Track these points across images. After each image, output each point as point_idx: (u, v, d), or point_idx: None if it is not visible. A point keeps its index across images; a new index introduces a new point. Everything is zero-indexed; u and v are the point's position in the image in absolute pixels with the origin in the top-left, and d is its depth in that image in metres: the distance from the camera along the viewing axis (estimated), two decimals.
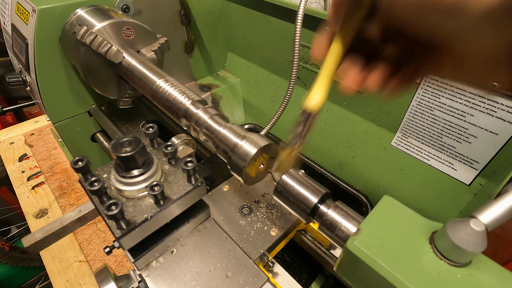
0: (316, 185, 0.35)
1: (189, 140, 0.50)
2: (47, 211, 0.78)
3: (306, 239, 0.52)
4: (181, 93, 0.45)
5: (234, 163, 0.37)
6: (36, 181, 0.86)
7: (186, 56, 0.88)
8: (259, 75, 0.89)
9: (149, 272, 0.38)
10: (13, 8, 0.64)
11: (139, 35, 0.58)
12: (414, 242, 0.27)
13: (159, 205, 0.34)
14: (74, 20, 0.56)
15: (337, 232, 0.32)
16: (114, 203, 0.31)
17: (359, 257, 0.27)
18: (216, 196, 0.53)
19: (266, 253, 0.46)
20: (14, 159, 0.94)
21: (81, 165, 0.32)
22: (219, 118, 0.42)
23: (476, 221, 0.23)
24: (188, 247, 0.40)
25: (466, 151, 0.53)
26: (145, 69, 0.51)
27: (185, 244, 0.41)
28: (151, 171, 0.35)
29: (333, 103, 0.71)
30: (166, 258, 0.39)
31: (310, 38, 0.67)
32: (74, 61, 0.58)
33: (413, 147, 0.60)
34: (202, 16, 0.84)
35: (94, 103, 0.72)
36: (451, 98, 0.51)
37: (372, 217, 0.29)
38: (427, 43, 0.26)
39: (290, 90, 0.57)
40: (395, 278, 0.25)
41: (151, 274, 0.38)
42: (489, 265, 0.25)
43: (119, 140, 0.34)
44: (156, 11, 0.73)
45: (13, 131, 1.05)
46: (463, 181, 0.55)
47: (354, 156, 0.71)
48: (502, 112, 0.46)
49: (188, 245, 0.41)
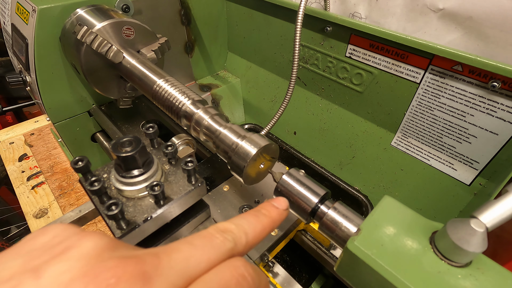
0: (316, 185, 0.35)
1: (189, 140, 0.50)
2: (47, 211, 0.78)
3: (306, 239, 0.52)
4: (181, 93, 0.45)
5: (234, 163, 0.37)
6: (36, 181, 0.86)
7: (186, 56, 0.88)
8: (259, 75, 0.89)
9: None
10: (13, 8, 0.64)
11: (139, 35, 0.58)
12: (414, 242, 0.27)
13: (159, 205, 0.34)
14: (74, 20, 0.56)
15: (337, 232, 0.32)
16: (114, 203, 0.31)
17: (359, 257, 0.27)
18: (216, 196, 0.53)
19: (266, 253, 0.46)
20: (14, 159, 0.94)
21: (81, 165, 0.32)
22: (219, 118, 0.42)
23: (476, 221, 0.23)
24: None
25: (466, 151, 0.53)
26: (145, 69, 0.51)
27: None
28: (151, 171, 0.35)
29: (333, 103, 0.71)
30: None
31: (310, 38, 0.68)
32: (74, 61, 0.58)
33: (413, 147, 0.60)
34: (202, 16, 0.84)
35: (94, 103, 0.72)
36: (451, 98, 0.51)
37: (372, 217, 0.29)
38: None
39: (290, 90, 0.57)
40: (395, 278, 0.25)
41: None
42: (489, 265, 0.25)
43: (119, 140, 0.34)
44: (156, 11, 0.73)
45: (13, 131, 1.05)
46: (463, 181, 0.55)
47: (354, 156, 0.71)
48: (502, 112, 0.46)
49: None
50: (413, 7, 0.56)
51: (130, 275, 0.16)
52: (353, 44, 0.60)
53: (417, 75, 0.53)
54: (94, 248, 0.18)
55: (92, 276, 0.16)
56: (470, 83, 0.48)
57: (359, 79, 0.63)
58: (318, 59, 0.69)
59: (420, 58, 0.52)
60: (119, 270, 0.16)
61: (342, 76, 0.66)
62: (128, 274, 0.16)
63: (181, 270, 0.18)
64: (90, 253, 0.17)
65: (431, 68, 0.51)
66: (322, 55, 0.67)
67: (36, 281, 0.16)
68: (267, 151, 0.38)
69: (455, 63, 0.48)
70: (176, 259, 0.19)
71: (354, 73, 0.63)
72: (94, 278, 0.16)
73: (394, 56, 0.55)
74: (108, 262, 0.17)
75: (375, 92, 0.61)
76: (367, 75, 0.61)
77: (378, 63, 0.58)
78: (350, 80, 0.64)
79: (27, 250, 0.18)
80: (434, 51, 0.49)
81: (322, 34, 0.65)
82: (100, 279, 0.16)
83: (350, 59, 0.62)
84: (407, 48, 0.52)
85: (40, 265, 0.16)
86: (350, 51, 0.61)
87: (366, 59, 0.59)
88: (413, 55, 0.52)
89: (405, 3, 0.57)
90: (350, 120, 0.69)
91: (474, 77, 0.47)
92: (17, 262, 0.17)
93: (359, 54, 0.60)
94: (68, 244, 0.18)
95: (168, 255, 0.19)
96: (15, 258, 0.17)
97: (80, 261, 0.17)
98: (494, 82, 0.45)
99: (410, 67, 0.54)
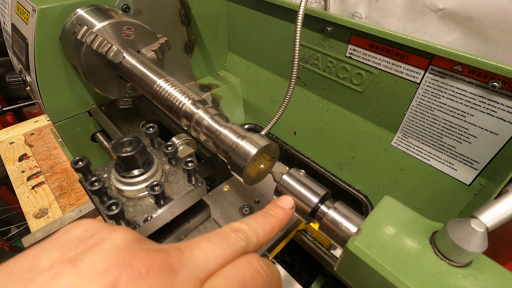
0: (317, 185, 0.35)
1: (189, 140, 0.50)
2: (47, 211, 0.78)
3: (306, 239, 0.52)
4: (181, 93, 0.45)
5: (235, 163, 0.37)
6: (36, 181, 0.86)
7: (186, 56, 0.88)
8: (259, 75, 0.89)
9: None
10: (13, 7, 0.64)
11: (139, 35, 0.58)
12: (414, 242, 0.27)
13: (160, 205, 0.34)
14: (74, 20, 0.56)
15: (338, 232, 0.32)
16: (115, 203, 0.31)
17: (359, 257, 0.27)
18: (216, 196, 0.53)
19: (266, 253, 0.46)
20: (14, 159, 0.94)
21: (81, 165, 0.32)
22: (219, 118, 0.42)
23: (477, 221, 0.23)
24: None
25: (466, 151, 0.53)
26: (145, 69, 0.51)
27: None
28: (151, 171, 0.35)
29: (333, 103, 0.71)
30: None
31: (310, 38, 0.68)
32: (74, 61, 0.58)
33: (413, 147, 0.60)
34: (202, 16, 0.84)
35: (94, 103, 0.72)
36: (451, 98, 0.51)
37: (372, 217, 0.29)
38: None
39: (290, 90, 0.57)
40: (395, 278, 0.25)
41: None
42: (489, 265, 0.25)
43: (119, 140, 0.34)
44: (156, 11, 0.73)
45: (13, 131, 1.05)
46: (463, 181, 0.55)
47: (354, 156, 0.71)
48: (502, 112, 0.46)
49: None
50: (413, 7, 0.56)
51: (158, 265, 0.18)
52: (353, 44, 0.60)
53: (417, 75, 0.53)
54: (124, 241, 0.19)
55: (125, 265, 0.17)
56: (470, 83, 0.48)
57: (359, 79, 0.63)
58: (318, 59, 0.69)
59: (420, 58, 0.52)
60: (149, 261, 0.18)
61: (342, 76, 0.66)
62: (157, 264, 0.18)
63: (202, 263, 0.20)
64: (120, 245, 0.19)
65: (431, 68, 0.51)
66: (322, 55, 0.67)
67: (75, 269, 0.17)
68: (267, 151, 0.38)
69: (455, 63, 0.48)
70: (197, 253, 0.21)
71: (354, 73, 0.63)
72: (127, 267, 0.17)
73: (394, 56, 0.55)
74: (139, 253, 0.18)
75: (375, 92, 0.61)
76: (367, 75, 0.61)
77: (378, 63, 0.58)
78: (350, 80, 0.64)
79: (63, 242, 0.19)
80: (434, 51, 0.49)
81: (322, 34, 0.65)
82: (133, 268, 0.17)
83: (350, 59, 0.62)
84: (407, 48, 0.52)
85: (77, 255, 0.18)
86: (350, 51, 0.61)
87: (366, 59, 0.59)
88: (413, 55, 0.52)
89: (405, 3, 0.57)
90: (350, 120, 0.69)
91: (474, 77, 0.47)
92: (55, 253, 0.18)
93: (359, 54, 0.60)
94: (100, 237, 0.19)
95: (190, 250, 0.21)
96: (52, 249, 0.18)
97: (112, 252, 0.18)
98: (494, 82, 0.45)
99: (410, 67, 0.54)
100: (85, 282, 0.16)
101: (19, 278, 0.16)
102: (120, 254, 0.18)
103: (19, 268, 0.17)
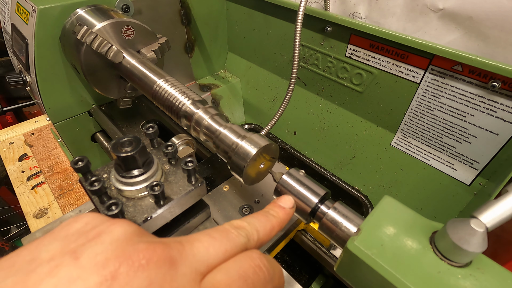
0: (316, 185, 0.35)
1: (189, 140, 0.50)
2: (47, 211, 0.78)
3: (306, 239, 0.52)
4: (181, 93, 0.45)
5: (235, 163, 0.37)
6: (36, 181, 0.86)
7: (186, 56, 0.88)
8: (259, 75, 0.89)
9: None
10: (13, 8, 0.64)
11: (139, 35, 0.58)
12: (414, 242, 0.27)
13: (160, 205, 0.34)
14: (74, 20, 0.56)
15: (337, 232, 0.32)
16: (114, 203, 0.31)
17: (359, 257, 0.27)
18: (216, 196, 0.53)
19: (266, 253, 0.46)
20: (14, 159, 0.94)
21: (81, 165, 0.32)
22: (219, 118, 0.42)
23: (476, 221, 0.23)
24: None
25: (466, 151, 0.53)
26: (145, 69, 0.51)
27: None
28: (151, 171, 0.35)
29: (333, 103, 0.71)
30: None
31: (310, 38, 0.68)
32: (74, 61, 0.58)
33: (413, 147, 0.60)
34: (202, 16, 0.84)
35: (94, 103, 0.72)
36: (451, 98, 0.51)
37: (372, 217, 0.29)
38: None
39: (290, 90, 0.57)
40: (395, 278, 0.25)
41: None
42: (489, 265, 0.25)
43: (119, 140, 0.34)
44: (156, 11, 0.73)
45: (13, 131, 1.05)
46: (463, 181, 0.55)
47: (354, 156, 0.71)
48: (502, 112, 0.46)
49: None
50: (413, 7, 0.56)
51: (158, 257, 0.18)
52: (353, 44, 0.60)
53: (417, 75, 0.53)
54: (124, 233, 0.19)
55: (125, 257, 0.18)
56: (470, 83, 0.48)
57: (359, 79, 0.63)
58: (318, 59, 0.69)
59: (420, 58, 0.52)
60: (149, 253, 0.18)
61: (342, 76, 0.66)
62: (157, 256, 0.18)
63: (202, 257, 0.20)
64: (120, 238, 0.19)
65: (431, 68, 0.51)
66: (322, 55, 0.67)
67: (75, 261, 0.17)
68: (267, 151, 0.38)
69: (455, 63, 0.48)
70: (198, 247, 0.21)
71: (354, 73, 0.63)
72: (127, 258, 0.18)
73: (394, 56, 0.55)
74: (139, 245, 0.19)
75: (375, 92, 0.61)
76: (367, 75, 0.61)
77: (378, 63, 0.58)
78: (350, 80, 0.64)
79: (64, 235, 0.19)
80: (434, 51, 0.49)
81: (322, 34, 0.65)
82: (133, 260, 0.18)
83: (350, 59, 0.62)
84: (407, 48, 0.52)
85: (77, 247, 0.18)
86: (350, 51, 0.61)
87: (366, 59, 0.59)
88: (413, 55, 0.52)
89: (405, 3, 0.57)
90: (350, 120, 0.69)
91: (474, 77, 0.47)
92: (56, 245, 0.18)
93: (359, 54, 0.60)
94: (100, 229, 0.19)
95: (191, 244, 0.21)
96: (53, 242, 0.19)
97: (112, 244, 0.18)
98: (494, 82, 0.45)
99: (410, 67, 0.54)
100: (85, 273, 0.17)
101: (21, 270, 0.17)
102: (120, 246, 0.18)
103: (20, 261, 0.17)
